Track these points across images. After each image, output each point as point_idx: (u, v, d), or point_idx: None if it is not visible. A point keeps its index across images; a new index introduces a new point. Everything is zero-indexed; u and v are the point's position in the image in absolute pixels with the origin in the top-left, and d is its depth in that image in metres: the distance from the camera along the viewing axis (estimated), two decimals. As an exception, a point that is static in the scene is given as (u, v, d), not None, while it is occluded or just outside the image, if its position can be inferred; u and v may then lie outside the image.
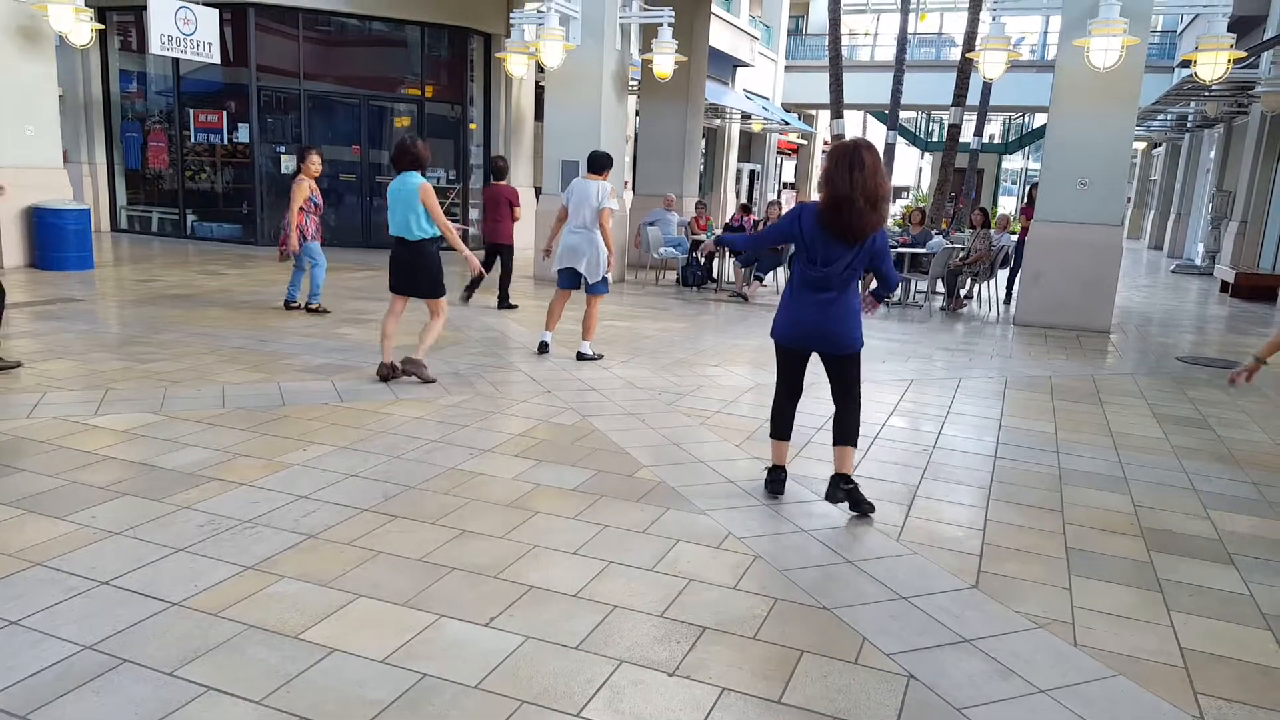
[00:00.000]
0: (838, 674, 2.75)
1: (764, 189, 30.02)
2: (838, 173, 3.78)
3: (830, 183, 3.82)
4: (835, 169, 3.80)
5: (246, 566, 3.26)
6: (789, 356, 4.22)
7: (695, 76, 14.75)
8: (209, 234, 15.13)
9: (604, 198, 7.03)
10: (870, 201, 3.76)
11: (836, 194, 3.79)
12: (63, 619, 2.84)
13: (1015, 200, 39.41)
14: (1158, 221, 25.99)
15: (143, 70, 15.16)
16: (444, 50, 15.55)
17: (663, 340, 8.19)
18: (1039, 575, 3.53)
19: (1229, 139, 18.51)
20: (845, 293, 4.00)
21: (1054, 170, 9.74)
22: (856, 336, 4.06)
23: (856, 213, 3.76)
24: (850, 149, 3.81)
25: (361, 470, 4.32)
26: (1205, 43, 9.37)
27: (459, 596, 3.11)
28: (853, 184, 3.74)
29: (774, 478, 4.31)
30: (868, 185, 3.74)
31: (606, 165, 7.15)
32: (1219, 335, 10.46)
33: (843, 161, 3.78)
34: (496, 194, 9.54)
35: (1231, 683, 2.82)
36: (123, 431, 4.76)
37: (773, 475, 4.32)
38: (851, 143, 3.87)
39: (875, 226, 3.84)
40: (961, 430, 5.63)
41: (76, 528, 3.52)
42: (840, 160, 3.80)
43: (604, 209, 7.03)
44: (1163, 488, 4.70)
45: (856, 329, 4.05)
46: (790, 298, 4.10)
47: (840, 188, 3.77)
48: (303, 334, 7.60)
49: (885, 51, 30.65)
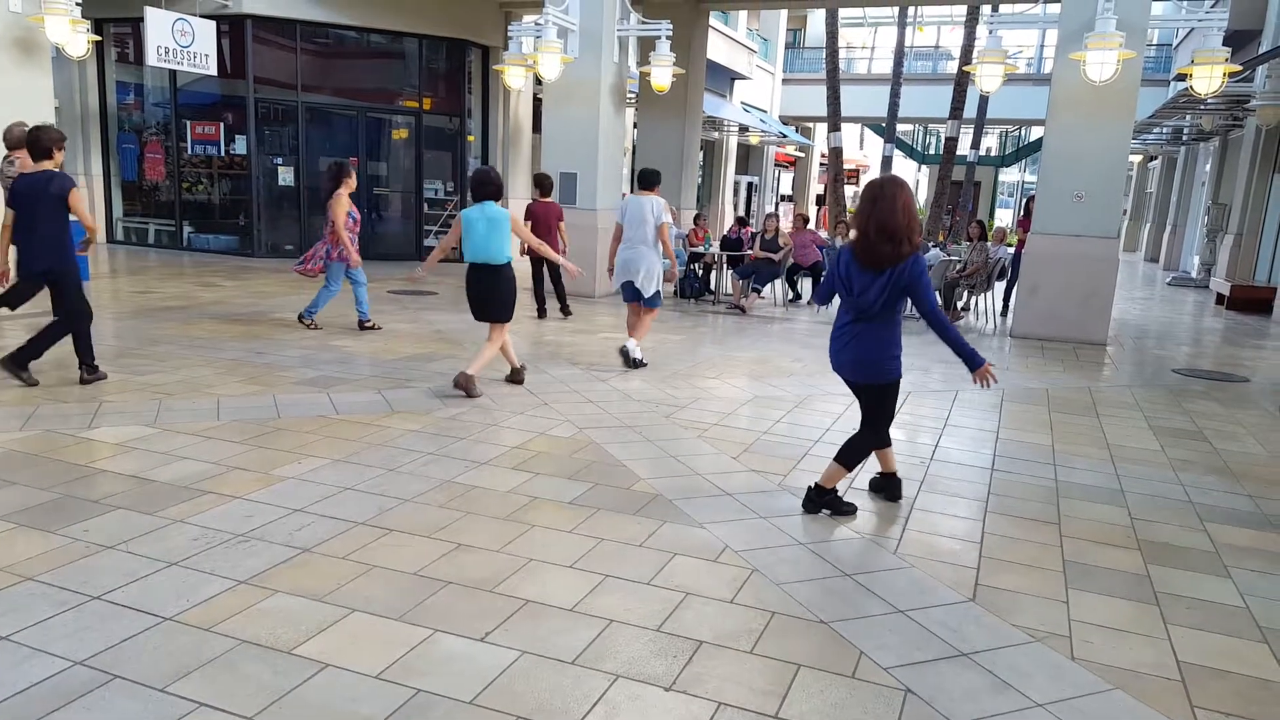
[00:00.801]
0: (835, 688, 2.74)
1: (761, 201, 30.08)
2: (860, 206, 4.09)
3: (855, 215, 4.19)
4: (860, 202, 4.12)
5: (240, 581, 3.24)
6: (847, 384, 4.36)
7: (693, 89, 14.79)
8: (206, 245, 15.12)
9: (660, 212, 7.32)
10: (882, 233, 3.87)
11: (856, 225, 4.08)
12: (54, 634, 2.82)
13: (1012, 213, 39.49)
14: (1154, 234, 26.04)
15: (140, 82, 15.18)
16: (442, 62, 15.59)
17: (660, 352, 8.19)
18: (1036, 588, 3.52)
19: (1224, 152, 18.59)
20: (874, 323, 4.11)
21: (1051, 183, 9.76)
22: (886, 369, 4.16)
23: (869, 243, 3.94)
24: (875, 184, 4.05)
25: (357, 483, 4.31)
26: (1201, 57, 9.41)
27: (454, 611, 3.10)
28: (868, 216, 3.93)
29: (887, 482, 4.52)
30: (880, 217, 3.88)
31: (656, 181, 7.52)
32: (1215, 348, 10.47)
33: (865, 195, 4.06)
34: (545, 210, 9.75)
35: (1229, 696, 2.81)
36: (117, 444, 4.74)
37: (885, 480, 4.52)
38: (880, 179, 4.11)
39: (891, 258, 3.92)
40: (958, 443, 5.63)
41: (69, 542, 3.50)
42: (864, 194, 4.08)
43: (662, 224, 7.31)
44: (1159, 500, 4.69)
45: (887, 360, 4.14)
46: (833, 328, 4.29)
47: (857, 220, 4.04)
48: (299, 347, 7.59)
49: (883, 64, 30.81)
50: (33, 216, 5.80)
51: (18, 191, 5.82)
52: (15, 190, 5.83)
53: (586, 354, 7.92)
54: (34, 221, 5.81)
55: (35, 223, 5.81)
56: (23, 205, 5.81)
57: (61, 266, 5.95)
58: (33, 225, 5.81)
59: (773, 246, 11.74)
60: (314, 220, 15.02)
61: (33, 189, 5.78)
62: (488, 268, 6.14)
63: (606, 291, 11.98)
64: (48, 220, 5.82)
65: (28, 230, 5.83)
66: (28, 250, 5.93)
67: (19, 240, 5.90)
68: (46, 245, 5.86)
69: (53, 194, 5.77)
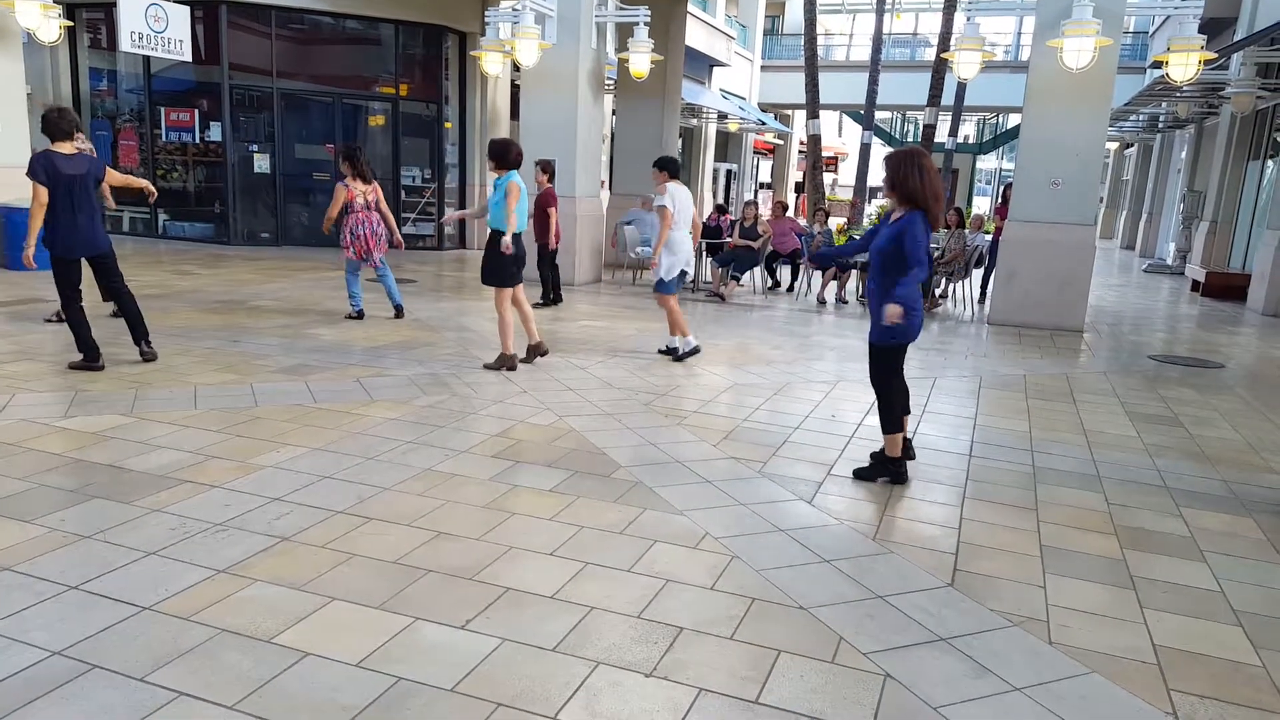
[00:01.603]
0: (815, 673, 2.75)
1: (740, 189, 30.08)
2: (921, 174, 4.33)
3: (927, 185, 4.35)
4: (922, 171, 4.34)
5: (218, 570, 3.22)
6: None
7: (672, 76, 14.73)
8: (181, 234, 14.95)
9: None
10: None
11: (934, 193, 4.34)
12: (31, 624, 2.79)
13: (990, 200, 39.76)
14: (1130, 221, 26.28)
15: (113, 68, 14.94)
16: (418, 48, 15.45)
17: (640, 340, 8.18)
18: (1014, 573, 3.56)
19: (1200, 140, 18.76)
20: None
21: (1028, 170, 9.82)
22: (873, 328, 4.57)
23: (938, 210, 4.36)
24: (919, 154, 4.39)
25: (335, 472, 4.28)
26: (1177, 44, 9.48)
27: (435, 599, 3.09)
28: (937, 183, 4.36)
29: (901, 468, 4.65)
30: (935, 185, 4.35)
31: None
32: (1190, 334, 10.60)
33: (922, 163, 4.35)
34: (550, 197, 9.72)
35: (1204, 679, 2.85)
36: (93, 434, 4.69)
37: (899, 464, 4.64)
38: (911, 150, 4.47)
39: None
40: (937, 429, 5.66)
41: (45, 531, 3.46)
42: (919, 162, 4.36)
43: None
44: (1136, 485, 4.75)
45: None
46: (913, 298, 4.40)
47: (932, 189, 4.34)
48: (275, 335, 7.52)
49: (861, 52, 30.84)
50: (89, 199, 5.92)
51: (71, 174, 5.81)
52: (65, 172, 5.79)
53: (566, 341, 7.90)
54: (84, 203, 5.90)
55: (84, 204, 5.90)
56: (77, 187, 5.85)
57: (110, 247, 6.19)
58: (83, 207, 5.90)
59: (752, 234, 11.75)
60: (290, 207, 14.90)
61: (89, 169, 5.92)
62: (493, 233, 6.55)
63: (585, 279, 11.96)
64: (92, 202, 5.96)
65: (78, 212, 5.87)
66: (92, 232, 5.97)
67: (65, 221, 5.85)
68: (99, 226, 6.05)
69: (95, 176, 5.97)
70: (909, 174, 4.31)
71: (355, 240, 8.22)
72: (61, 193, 5.79)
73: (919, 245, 4.27)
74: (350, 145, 8.45)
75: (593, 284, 12.17)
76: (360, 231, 8.21)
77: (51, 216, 5.81)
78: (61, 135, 5.88)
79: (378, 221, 8.31)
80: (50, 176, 5.74)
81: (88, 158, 6.07)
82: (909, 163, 4.34)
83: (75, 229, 5.88)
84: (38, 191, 5.72)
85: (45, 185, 5.72)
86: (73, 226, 5.87)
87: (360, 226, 8.20)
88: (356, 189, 8.17)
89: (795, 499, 4.26)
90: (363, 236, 8.22)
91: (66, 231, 5.87)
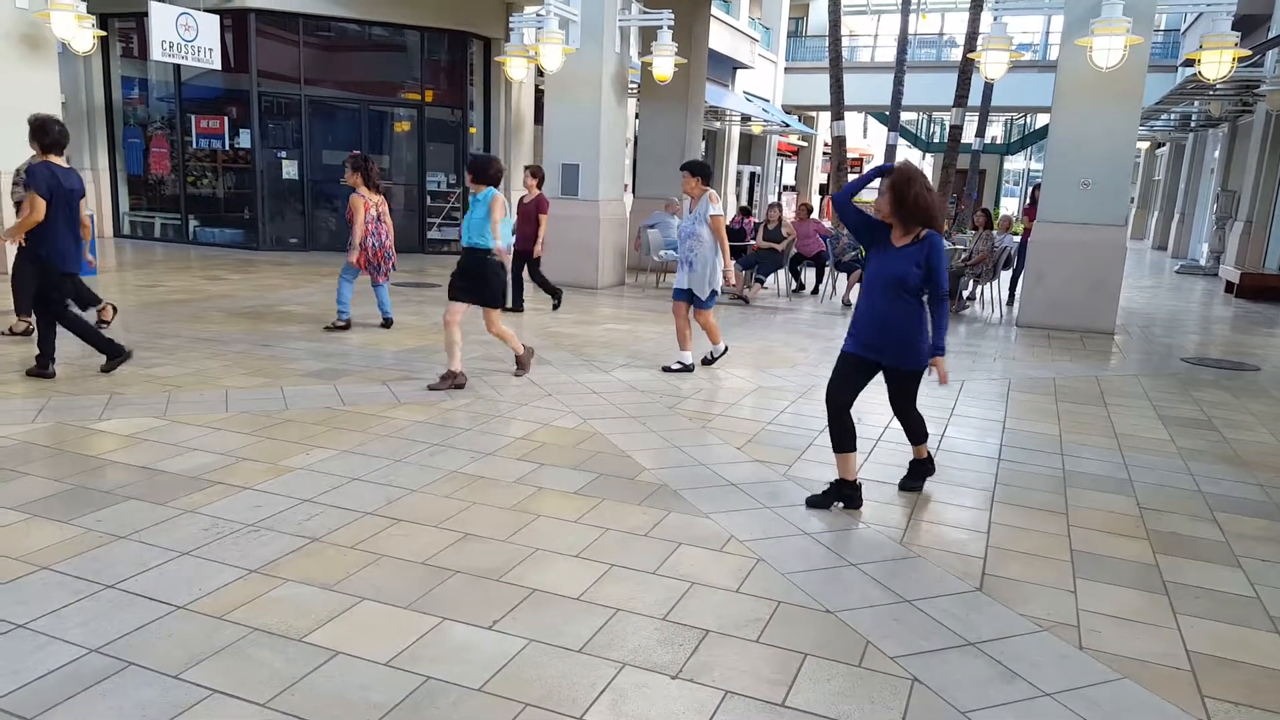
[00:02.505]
0: (841, 677, 2.74)
1: (764, 191, 30.01)
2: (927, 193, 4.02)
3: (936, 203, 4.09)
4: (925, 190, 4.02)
5: (250, 570, 3.26)
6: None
7: (695, 79, 14.74)
8: (211, 239, 15.14)
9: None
10: None
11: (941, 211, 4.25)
12: (69, 622, 2.84)
13: (1017, 201, 39.35)
14: (1161, 222, 25.94)
15: (144, 76, 15.18)
16: (444, 54, 15.57)
17: (663, 343, 8.18)
18: (1044, 578, 3.52)
19: (1234, 138, 18.48)
20: None
21: (1056, 171, 9.73)
22: None
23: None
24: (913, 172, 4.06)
25: (364, 474, 4.33)
26: (1209, 41, 9.36)
27: (462, 600, 3.11)
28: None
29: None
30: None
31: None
32: (1224, 336, 10.44)
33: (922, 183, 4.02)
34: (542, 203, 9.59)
35: (1239, 686, 2.81)
36: (127, 436, 4.76)
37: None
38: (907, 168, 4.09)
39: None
40: (964, 432, 5.62)
41: (82, 531, 3.53)
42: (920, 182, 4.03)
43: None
44: (1168, 490, 4.69)
45: None
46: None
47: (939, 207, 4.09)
48: (304, 339, 7.60)
49: (886, 52, 30.65)
50: (74, 212, 5.84)
51: (69, 187, 5.75)
52: (65, 186, 5.72)
53: (589, 344, 7.92)
54: (74, 216, 5.84)
55: (75, 217, 5.85)
56: (75, 202, 5.81)
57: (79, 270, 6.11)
58: (74, 220, 5.84)
59: (776, 236, 11.73)
60: (317, 213, 15.05)
61: (79, 184, 5.87)
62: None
63: (608, 282, 12.00)
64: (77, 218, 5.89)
65: (69, 224, 5.80)
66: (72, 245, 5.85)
67: (59, 234, 5.72)
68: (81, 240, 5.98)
69: (81, 193, 5.89)
70: (919, 193, 3.97)
71: (367, 253, 8.00)
72: (60, 205, 5.69)
73: (945, 270, 4.09)
74: (359, 156, 8.21)
75: (616, 287, 12.19)
76: (369, 243, 7.98)
77: (49, 228, 5.67)
78: (57, 149, 5.79)
79: (386, 234, 8.11)
80: (51, 189, 5.63)
81: (78, 174, 5.96)
82: (916, 182, 4.00)
83: (69, 242, 5.79)
84: (35, 203, 5.55)
85: (45, 198, 5.59)
86: (68, 239, 5.78)
87: (369, 239, 7.98)
88: (370, 199, 7.96)
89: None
90: (370, 248, 8.00)
91: (65, 243, 5.77)
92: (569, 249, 11.73)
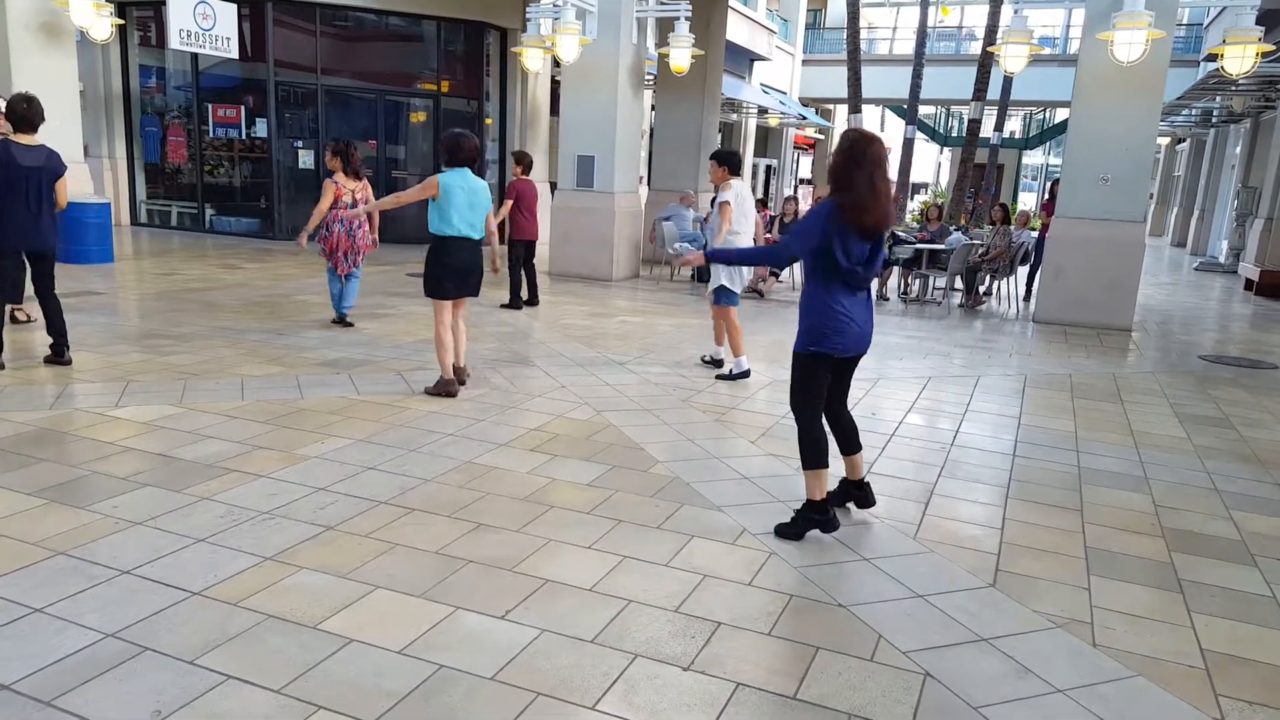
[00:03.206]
0: (853, 671, 2.74)
1: (780, 184, 29.91)
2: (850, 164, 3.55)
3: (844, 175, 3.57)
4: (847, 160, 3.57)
5: (265, 557, 3.28)
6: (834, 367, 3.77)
7: (712, 71, 14.69)
8: (227, 228, 15.22)
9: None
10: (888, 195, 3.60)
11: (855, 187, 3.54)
12: (86, 607, 2.87)
13: (1035, 196, 39.08)
14: (1181, 218, 25.69)
15: (162, 65, 15.26)
16: (460, 45, 15.57)
17: (677, 336, 8.18)
18: (1057, 574, 3.51)
19: (1255, 134, 18.28)
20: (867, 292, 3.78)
21: (1075, 166, 9.65)
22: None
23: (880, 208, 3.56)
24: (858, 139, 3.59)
25: (378, 463, 4.34)
26: (1233, 36, 9.25)
27: (475, 589, 3.13)
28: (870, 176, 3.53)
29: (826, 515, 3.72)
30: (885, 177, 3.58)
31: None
32: (1243, 334, 10.35)
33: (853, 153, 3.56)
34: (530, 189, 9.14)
35: (1253, 685, 2.79)
36: (144, 423, 4.80)
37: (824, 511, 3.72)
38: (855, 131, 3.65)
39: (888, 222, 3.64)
40: (980, 428, 5.60)
41: (99, 517, 3.56)
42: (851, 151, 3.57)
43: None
44: (1184, 488, 4.65)
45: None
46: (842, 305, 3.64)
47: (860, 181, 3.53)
48: (320, 329, 7.64)
49: (905, 45, 30.49)
50: (42, 193, 5.74)
51: (28, 166, 5.64)
52: (21, 164, 5.62)
53: (603, 337, 7.92)
54: (43, 198, 5.75)
55: (43, 199, 5.76)
56: (33, 180, 5.67)
57: (54, 248, 5.97)
58: (42, 202, 5.75)
59: (792, 230, 11.67)
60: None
61: (48, 163, 5.75)
62: (473, 243, 5.68)
63: (623, 275, 11.99)
64: (43, 197, 5.78)
65: (37, 205, 5.71)
66: (37, 226, 5.74)
67: (19, 216, 5.65)
68: (53, 223, 5.87)
69: (55, 171, 5.80)
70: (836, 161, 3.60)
71: (328, 237, 7.61)
72: (14, 183, 5.60)
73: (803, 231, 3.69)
74: (341, 141, 7.84)
75: (630, 279, 12.18)
76: (336, 229, 7.58)
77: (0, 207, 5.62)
78: (27, 127, 5.72)
79: (358, 224, 7.64)
80: (5, 167, 5.56)
81: (46, 151, 5.82)
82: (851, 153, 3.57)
83: (19, 221, 5.69)
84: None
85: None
86: (18, 219, 5.68)
87: (337, 224, 7.57)
88: (345, 186, 7.59)
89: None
90: (336, 234, 7.58)
91: (11, 223, 5.67)
92: (584, 241, 11.73)
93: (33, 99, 5.81)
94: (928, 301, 11.35)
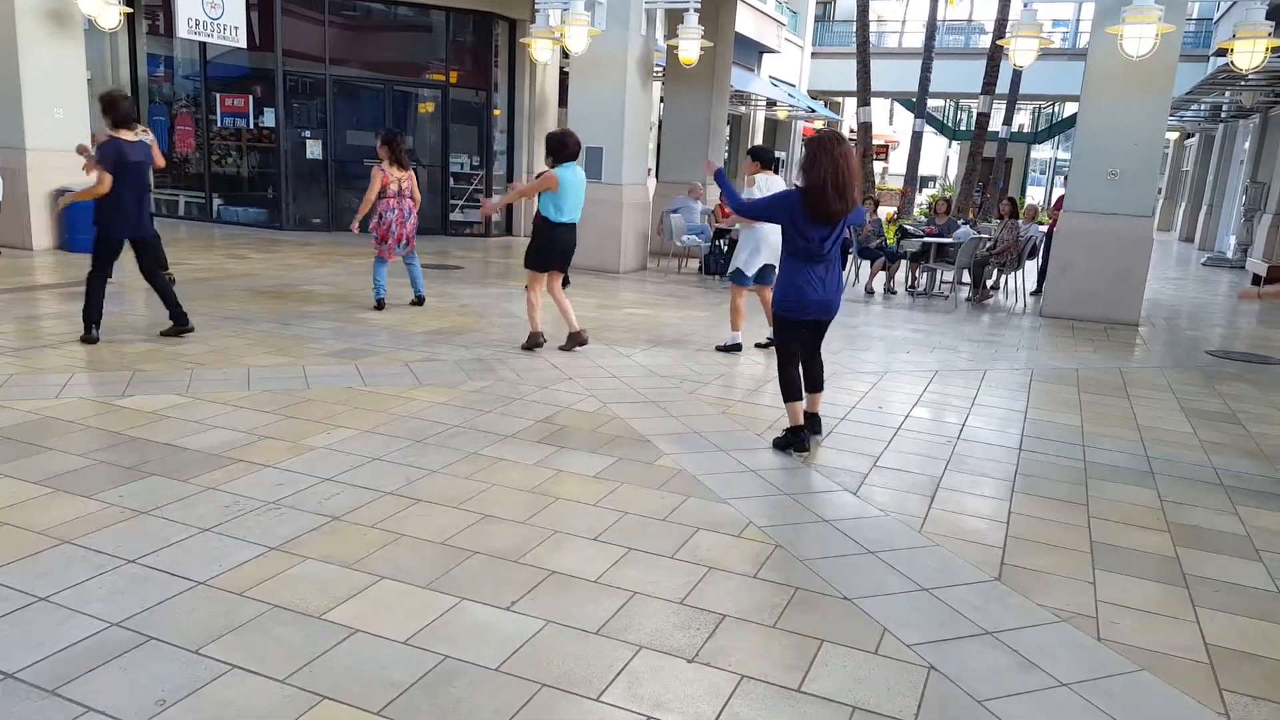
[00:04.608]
0: (858, 664, 2.74)
1: (789, 177, 29.84)
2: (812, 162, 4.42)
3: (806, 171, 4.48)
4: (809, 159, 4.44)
5: (271, 547, 3.29)
6: (799, 328, 4.76)
7: (721, 63, 14.64)
8: (235, 218, 15.24)
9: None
10: (837, 191, 4.39)
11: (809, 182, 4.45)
12: (91, 596, 2.88)
13: (1044, 190, 38.92)
14: (1189, 213, 25.57)
15: (170, 54, 15.26)
16: (469, 36, 15.54)
17: (684, 329, 8.18)
18: (1063, 569, 3.50)
19: (1265, 129, 18.17)
20: (834, 264, 4.65)
21: (1084, 160, 9.60)
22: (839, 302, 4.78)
23: (824, 201, 4.40)
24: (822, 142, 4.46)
25: (385, 454, 4.35)
26: (1243, 31, 9.17)
27: (480, 580, 3.13)
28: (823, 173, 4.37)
29: (797, 437, 4.73)
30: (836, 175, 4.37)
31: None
32: (1250, 329, 10.30)
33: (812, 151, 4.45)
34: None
35: (1258, 680, 2.78)
36: (150, 412, 4.81)
37: (795, 434, 4.73)
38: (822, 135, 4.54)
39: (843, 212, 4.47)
40: (986, 422, 5.59)
41: (104, 507, 3.57)
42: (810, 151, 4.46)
43: None
44: (1190, 482, 4.64)
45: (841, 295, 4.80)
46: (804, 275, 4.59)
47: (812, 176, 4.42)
48: (326, 319, 7.65)
49: (914, 38, 30.36)
50: (145, 184, 6.35)
51: (135, 161, 6.20)
52: (130, 160, 6.14)
53: (610, 328, 7.92)
54: (145, 189, 6.37)
55: (146, 190, 6.37)
56: (139, 174, 6.26)
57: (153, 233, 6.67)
58: (145, 192, 6.35)
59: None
60: (342, 193, 15.11)
61: (147, 156, 6.36)
62: (573, 226, 6.63)
63: (630, 267, 11.97)
64: (146, 187, 6.41)
65: (141, 196, 6.30)
66: (140, 216, 6.32)
67: (125, 205, 6.18)
68: (147, 211, 6.45)
69: (153, 161, 6.50)
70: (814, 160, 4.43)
71: (380, 224, 8.02)
72: (124, 179, 6.10)
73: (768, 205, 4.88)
74: (390, 131, 8.29)
75: (638, 271, 12.17)
76: (389, 217, 8.01)
77: (113, 200, 6.09)
78: (127, 123, 6.20)
79: (409, 210, 8.13)
80: (118, 165, 6.06)
81: (146, 146, 6.42)
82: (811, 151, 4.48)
83: (127, 213, 6.23)
84: (103, 177, 6.03)
85: (111, 173, 6.04)
86: (127, 210, 6.22)
87: (390, 212, 8.01)
88: (392, 175, 8.00)
89: (840, 489, 4.23)
90: (389, 223, 8.02)
91: (122, 215, 6.21)
92: (591, 232, 11.66)
93: (128, 95, 6.52)
94: (935, 295, 11.32)
